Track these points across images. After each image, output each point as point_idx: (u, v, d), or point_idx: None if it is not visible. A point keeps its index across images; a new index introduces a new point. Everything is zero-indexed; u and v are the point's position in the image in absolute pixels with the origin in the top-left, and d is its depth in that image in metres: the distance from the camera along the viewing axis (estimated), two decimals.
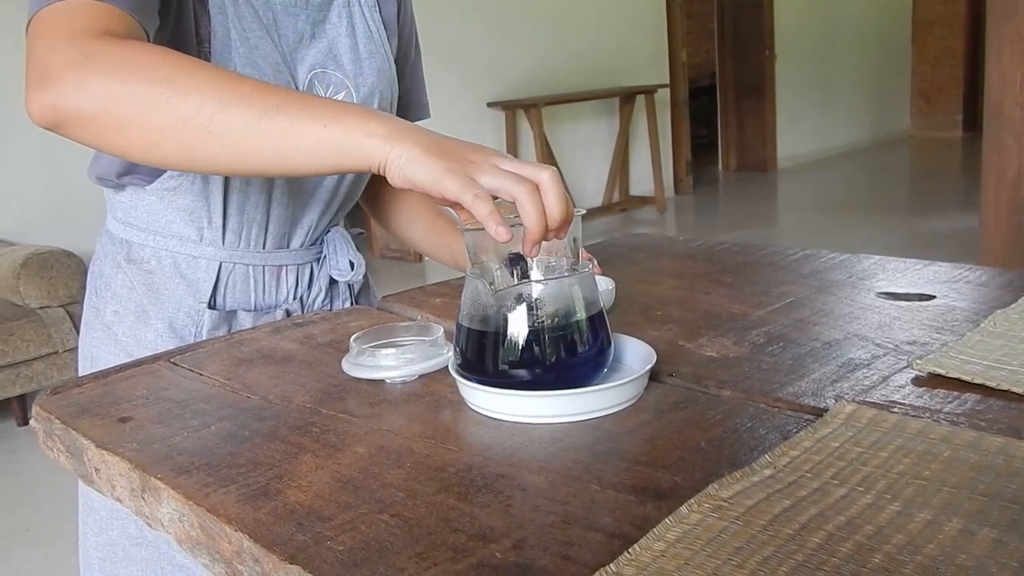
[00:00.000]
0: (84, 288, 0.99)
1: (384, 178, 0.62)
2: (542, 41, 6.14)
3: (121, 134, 0.66)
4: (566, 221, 0.60)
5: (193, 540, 0.53)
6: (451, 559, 0.44)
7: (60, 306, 3.20)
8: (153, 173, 0.88)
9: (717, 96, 8.55)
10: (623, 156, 6.76)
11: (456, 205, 0.61)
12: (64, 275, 3.19)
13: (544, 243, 0.61)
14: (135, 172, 0.88)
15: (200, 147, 0.65)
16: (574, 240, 0.65)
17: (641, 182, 6.92)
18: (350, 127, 0.62)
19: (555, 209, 0.59)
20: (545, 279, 0.64)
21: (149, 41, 0.74)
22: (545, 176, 0.59)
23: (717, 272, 1.01)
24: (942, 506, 0.46)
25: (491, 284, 0.64)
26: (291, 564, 0.45)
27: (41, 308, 3.17)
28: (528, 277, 0.64)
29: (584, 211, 0.64)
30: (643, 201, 6.78)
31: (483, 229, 0.59)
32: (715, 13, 8.37)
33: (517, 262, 0.64)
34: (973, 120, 9.52)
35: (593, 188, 6.60)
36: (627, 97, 6.62)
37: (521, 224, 0.59)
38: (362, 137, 0.62)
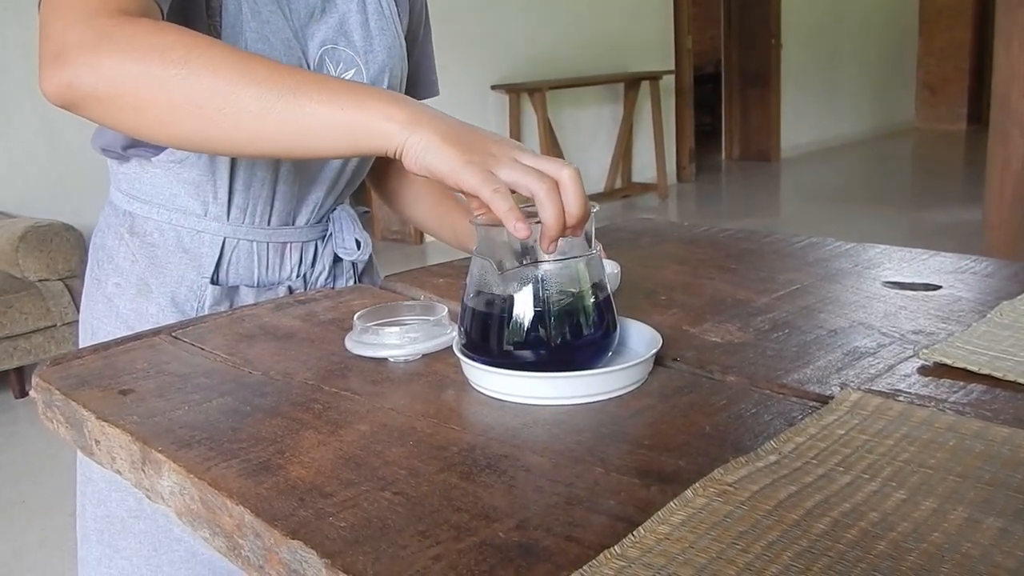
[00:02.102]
0: (84, 262, 0.98)
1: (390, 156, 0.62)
2: (547, 25, 6.10)
3: (136, 114, 0.66)
4: (584, 219, 0.60)
5: (193, 514, 0.53)
6: (454, 538, 0.44)
7: (59, 279, 3.20)
8: (159, 146, 0.87)
9: (722, 84, 8.51)
10: (626, 142, 6.74)
11: (472, 196, 0.60)
12: (64, 249, 3.18)
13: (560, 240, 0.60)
14: (141, 144, 0.87)
15: (215, 129, 0.64)
16: (588, 237, 0.64)
17: (644, 169, 6.91)
18: (369, 111, 0.61)
19: (574, 207, 0.58)
20: (552, 260, 0.64)
21: (163, 18, 0.73)
22: (565, 174, 0.59)
23: (722, 258, 1.01)
24: (947, 494, 0.46)
25: (498, 264, 0.63)
26: (293, 539, 0.45)
27: (40, 281, 3.17)
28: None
29: (597, 207, 0.63)
30: (645, 188, 6.77)
31: (496, 225, 0.59)
32: (722, 1, 8.32)
33: (527, 254, 0.63)
34: (978, 113, 9.49)
35: (596, 173, 6.58)
36: (632, 83, 6.59)
37: (537, 220, 0.59)
38: (382, 121, 0.61)
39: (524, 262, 0.63)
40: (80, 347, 0.85)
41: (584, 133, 6.47)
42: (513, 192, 0.58)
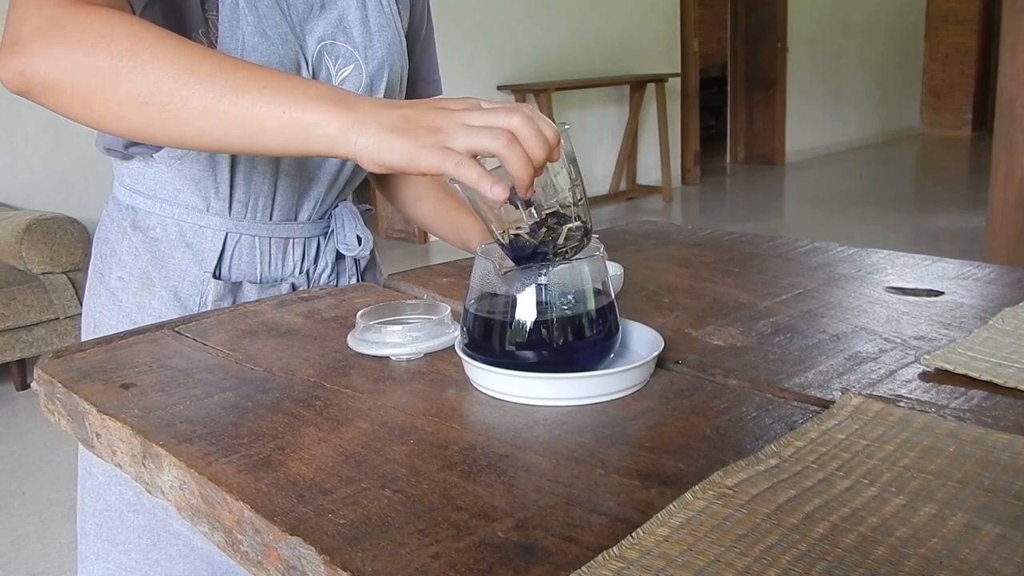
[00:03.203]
0: (87, 255, 0.98)
1: None
2: (554, 26, 6.10)
3: (85, 105, 0.66)
4: (550, 153, 0.59)
5: (193, 508, 0.53)
6: (453, 536, 0.44)
7: (62, 272, 3.21)
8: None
9: (727, 87, 8.51)
10: (631, 144, 6.74)
11: None
12: (67, 242, 3.19)
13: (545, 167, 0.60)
14: (142, 144, 0.87)
15: (161, 123, 0.65)
16: (571, 162, 0.64)
17: (648, 171, 6.90)
18: (309, 113, 0.61)
19: (537, 151, 0.58)
20: (550, 211, 0.63)
21: (134, 11, 0.74)
22: (516, 121, 0.58)
23: (725, 261, 1.01)
24: (947, 500, 0.46)
25: (500, 266, 0.64)
26: (292, 535, 0.45)
27: (43, 274, 3.17)
28: (535, 211, 0.63)
29: (568, 125, 0.63)
30: (650, 190, 6.77)
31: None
32: (728, 4, 8.32)
33: (516, 201, 0.63)
34: (983, 119, 9.49)
35: (600, 175, 6.58)
36: (637, 85, 6.59)
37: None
38: (324, 125, 0.61)
39: (519, 203, 0.62)
40: (82, 340, 0.86)
41: (589, 135, 6.47)
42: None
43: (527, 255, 0.63)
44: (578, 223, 0.64)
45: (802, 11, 8.20)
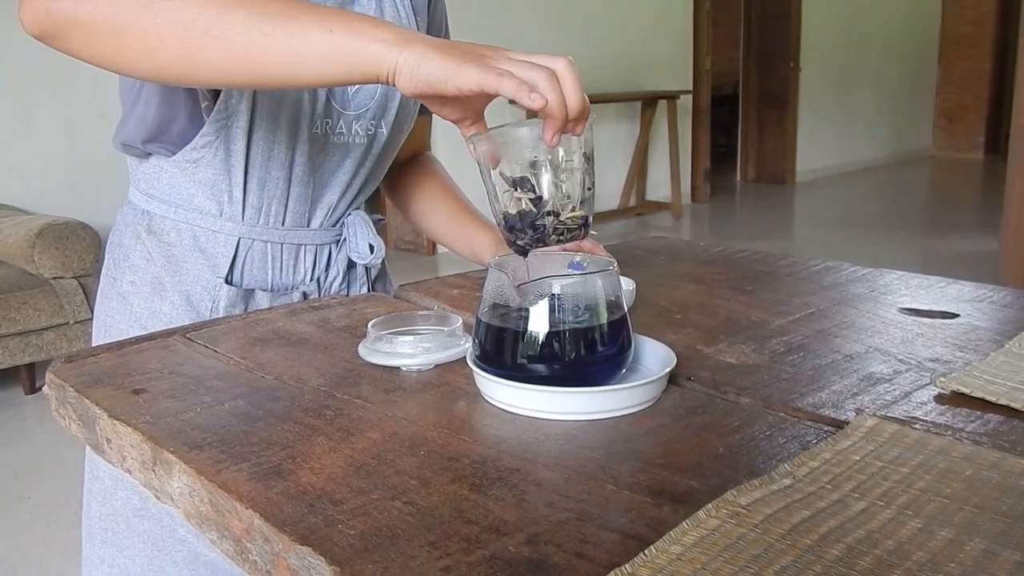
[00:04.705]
0: (99, 261, 0.99)
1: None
2: (567, 41, 6.12)
3: (119, 39, 0.63)
4: (583, 111, 0.59)
5: (202, 516, 0.53)
6: (463, 550, 0.44)
7: (74, 277, 3.22)
8: (177, 142, 0.87)
9: (739, 106, 8.51)
10: (642, 160, 6.74)
11: (468, 110, 0.59)
12: (79, 247, 3.20)
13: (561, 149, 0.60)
14: (160, 140, 0.88)
15: (201, 52, 0.62)
16: (587, 154, 0.64)
17: (658, 187, 6.90)
18: (357, 33, 0.60)
19: (573, 96, 0.58)
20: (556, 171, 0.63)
21: None
22: (561, 64, 0.58)
23: (737, 279, 1.00)
24: (964, 525, 0.45)
25: (513, 278, 0.63)
26: (302, 545, 0.44)
27: (55, 279, 3.18)
28: (539, 197, 0.63)
29: (595, 116, 0.63)
30: (659, 206, 6.77)
31: (490, 136, 0.59)
32: (741, 22, 8.33)
33: (525, 184, 0.63)
34: (996, 143, 9.47)
35: (610, 191, 6.58)
36: (649, 101, 6.60)
37: (536, 125, 0.59)
38: (369, 43, 0.60)
39: (523, 189, 0.62)
40: (93, 345, 0.86)
41: (600, 150, 6.47)
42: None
43: (522, 227, 0.63)
44: (580, 213, 0.64)
45: (815, 31, 8.21)
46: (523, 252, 0.66)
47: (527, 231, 0.64)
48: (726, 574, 0.41)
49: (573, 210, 0.63)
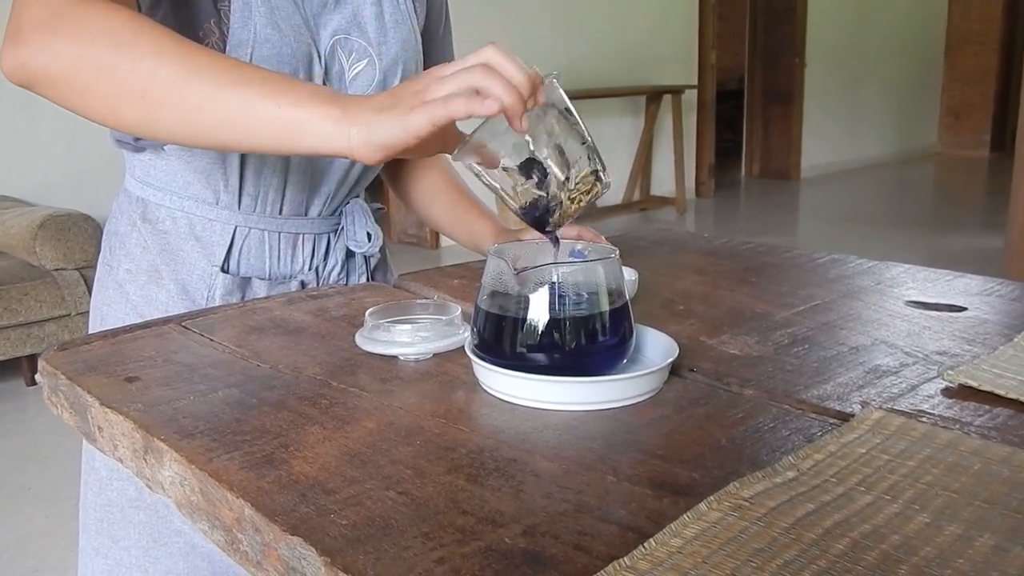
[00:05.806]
0: (100, 251, 0.97)
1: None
2: (571, 36, 6.10)
3: (82, 97, 0.66)
4: (532, 83, 0.59)
5: (193, 505, 0.52)
6: (458, 541, 0.43)
7: (75, 269, 3.21)
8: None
9: (744, 101, 8.48)
10: (646, 155, 6.72)
11: (440, 138, 0.60)
12: (80, 238, 3.20)
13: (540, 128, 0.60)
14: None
15: (156, 117, 0.65)
16: (566, 111, 0.63)
17: (662, 182, 6.88)
18: (306, 109, 0.61)
19: (515, 76, 0.58)
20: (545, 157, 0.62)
21: (138, 5, 0.75)
22: (488, 53, 0.58)
23: (741, 271, 0.99)
24: (973, 520, 0.44)
25: (514, 266, 0.62)
26: (292, 535, 0.43)
27: (56, 270, 3.18)
28: (544, 176, 0.62)
29: (557, 73, 0.62)
30: (663, 201, 6.75)
31: (475, 143, 0.59)
32: (747, 18, 8.30)
33: (532, 167, 0.62)
34: (1002, 140, 9.43)
35: (614, 186, 6.55)
36: (653, 96, 6.58)
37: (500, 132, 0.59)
38: (318, 122, 0.61)
39: (532, 173, 0.62)
40: (89, 332, 0.85)
41: (604, 144, 6.42)
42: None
43: (542, 213, 0.63)
44: (587, 170, 0.63)
45: (821, 27, 8.17)
46: (556, 240, 0.66)
47: (548, 213, 0.63)
48: (728, 568, 0.39)
49: (580, 171, 0.63)
